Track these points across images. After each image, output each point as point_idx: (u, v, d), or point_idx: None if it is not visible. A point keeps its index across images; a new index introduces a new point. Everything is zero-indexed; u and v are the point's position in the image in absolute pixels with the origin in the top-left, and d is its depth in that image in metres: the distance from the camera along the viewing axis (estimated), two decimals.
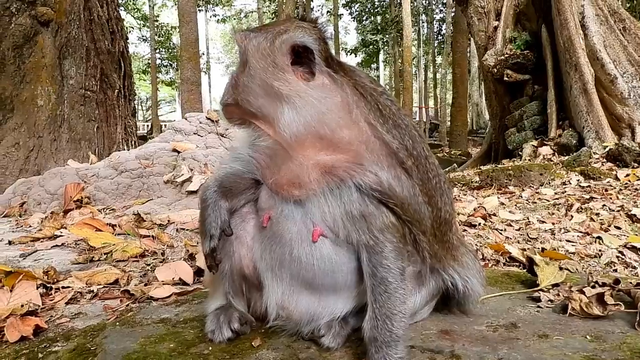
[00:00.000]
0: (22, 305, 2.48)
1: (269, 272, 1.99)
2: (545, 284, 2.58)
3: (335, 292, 1.95)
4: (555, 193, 6.98)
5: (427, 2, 49.64)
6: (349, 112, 1.85)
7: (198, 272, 3.26)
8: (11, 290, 2.77)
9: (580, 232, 4.76)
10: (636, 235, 4.63)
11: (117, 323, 2.30)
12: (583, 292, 2.18)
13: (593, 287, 2.21)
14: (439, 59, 53.44)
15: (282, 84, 1.81)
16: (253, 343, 1.98)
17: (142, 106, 66.44)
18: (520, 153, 11.52)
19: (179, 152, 6.68)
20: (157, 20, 43.48)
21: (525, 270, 2.96)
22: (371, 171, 1.79)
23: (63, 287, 3.01)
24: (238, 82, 1.90)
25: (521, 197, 6.89)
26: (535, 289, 2.57)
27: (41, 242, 4.40)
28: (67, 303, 2.81)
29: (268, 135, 1.91)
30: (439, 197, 2.00)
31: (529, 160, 10.66)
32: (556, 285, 2.57)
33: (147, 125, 47.78)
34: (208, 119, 7.39)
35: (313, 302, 1.96)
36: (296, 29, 1.84)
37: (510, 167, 8.58)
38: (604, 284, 2.22)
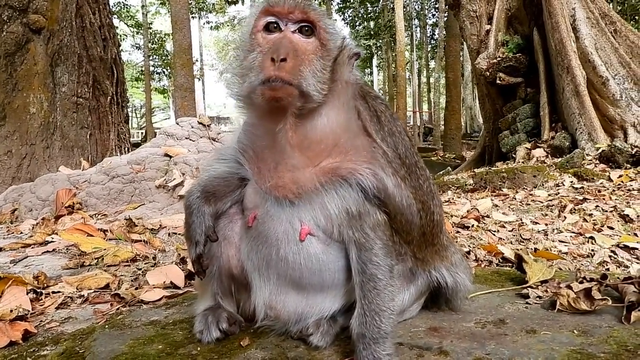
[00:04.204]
0: (10, 311, 2.47)
1: (256, 272, 1.98)
2: (534, 281, 2.59)
3: (322, 291, 1.94)
4: (549, 195, 7.01)
5: (419, 6, 49.83)
6: (357, 119, 1.89)
7: (189, 276, 3.26)
8: (0, 296, 2.76)
9: (573, 232, 4.79)
10: (629, 235, 4.65)
11: (106, 326, 2.29)
12: (571, 288, 2.19)
13: (581, 282, 2.22)
14: (432, 63, 53.61)
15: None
16: (242, 343, 1.97)
17: (136, 113, 66.49)
18: (513, 155, 11.57)
19: (170, 156, 6.67)
20: (150, 28, 43.43)
21: (514, 268, 2.97)
22: (377, 176, 1.79)
23: (53, 292, 3.01)
24: (316, 70, 1.77)
25: (515, 199, 6.92)
26: (524, 285, 2.58)
27: (32, 248, 4.38)
28: (57, 308, 2.81)
29: (285, 131, 1.80)
30: (431, 201, 2.02)
31: (523, 162, 10.70)
32: (545, 281, 2.58)
33: (142, 133, 47.76)
34: (200, 123, 7.38)
35: (301, 302, 1.95)
36: None
37: (504, 170, 8.62)
38: (591, 280, 2.23)
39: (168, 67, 44.85)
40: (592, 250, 4.18)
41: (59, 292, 3.00)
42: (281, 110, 1.76)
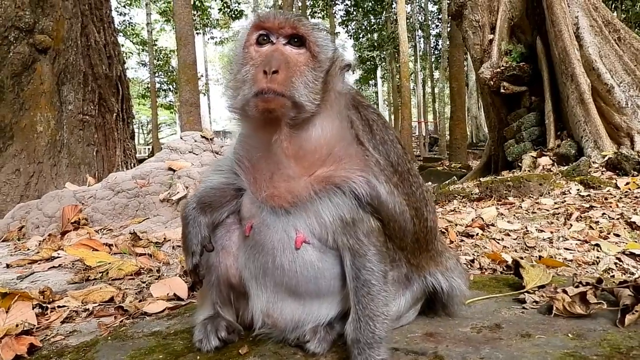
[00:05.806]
0: (16, 325, 2.50)
1: (253, 280, 2.01)
2: (531, 286, 2.60)
3: (319, 298, 1.97)
4: (555, 203, 6.96)
5: (422, 18, 49.99)
6: (350, 128, 1.92)
7: (192, 287, 3.27)
8: (7, 311, 2.78)
9: (579, 240, 4.75)
10: (635, 242, 4.63)
11: (109, 338, 2.33)
12: (567, 292, 2.20)
13: (577, 286, 2.23)
14: (436, 74, 53.62)
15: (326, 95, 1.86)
16: (240, 351, 2.00)
17: (142, 129, 66.86)
18: (519, 164, 11.51)
19: (174, 170, 6.70)
20: (155, 45, 43.76)
21: (512, 274, 2.98)
22: (370, 184, 1.82)
23: (59, 307, 3.02)
24: (307, 81, 1.80)
25: (521, 207, 6.88)
26: (521, 291, 2.59)
27: (38, 264, 4.41)
28: (62, 322, 2.82)
29: (280, 141, 1.83)
30: (424, 207, 2.05)
31: (529, 171, 10.63)
32: (542, 287, 2.59)
33: (149, 149, 47.96)
34: (203, 137, 7.44)
35: (297, 309, 1.98)
36: None
37: (509, 178, 8.58)
38: (587, 284, 2.24)
39: (174, 83, 45.15)
40: (598, 257, 4.15)
41: (64, 306, 3.02)
42: (275, 121, 1.79)
